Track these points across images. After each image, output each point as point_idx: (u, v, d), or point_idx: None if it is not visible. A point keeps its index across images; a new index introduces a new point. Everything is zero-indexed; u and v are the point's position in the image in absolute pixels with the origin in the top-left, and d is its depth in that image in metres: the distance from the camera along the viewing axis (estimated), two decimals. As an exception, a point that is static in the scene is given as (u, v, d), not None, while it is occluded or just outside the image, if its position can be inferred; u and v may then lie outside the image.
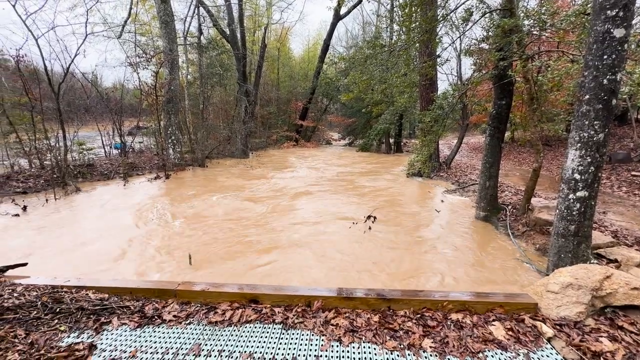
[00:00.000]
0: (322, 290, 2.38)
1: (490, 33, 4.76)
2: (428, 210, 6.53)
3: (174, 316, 2.14)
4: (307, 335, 1.97)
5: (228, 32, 15.00)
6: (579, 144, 3.01)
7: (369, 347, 1.87)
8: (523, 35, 4.38)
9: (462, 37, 5.33)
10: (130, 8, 12.57)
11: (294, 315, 2.13)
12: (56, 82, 9.38)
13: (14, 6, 7.75)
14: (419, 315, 2.17)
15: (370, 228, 5.17)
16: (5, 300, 2.16)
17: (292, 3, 39.64)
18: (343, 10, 20.53)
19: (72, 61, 9.43)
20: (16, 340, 1.86)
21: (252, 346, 1.86)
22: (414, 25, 5.03)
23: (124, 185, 8.54)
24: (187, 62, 16.42)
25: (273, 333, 1.98)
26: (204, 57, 15.75)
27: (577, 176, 3.06)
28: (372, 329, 2.02)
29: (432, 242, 4.81)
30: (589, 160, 2.98)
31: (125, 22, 12.72)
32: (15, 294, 2.24)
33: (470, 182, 8.81)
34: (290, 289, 2.38)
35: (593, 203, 3.09)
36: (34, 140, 9.09)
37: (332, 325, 2.05)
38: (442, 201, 7.11)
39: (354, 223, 5.33)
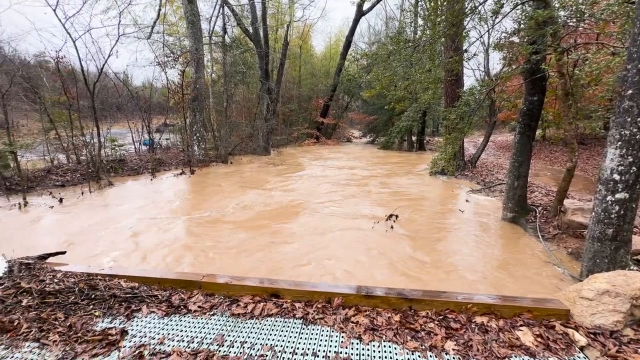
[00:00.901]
0: (342, 287, 2.38)
1: (522, 25, 4.53)
2: (452, 210, 6.35)
3: (199, 307, 2.21)
4: (327, 331, 1.97)
5: (251, 31, 15.22)
6: (620, 142, 2.82)
7: (390, 347, 1.85)
8: (558, 27, 4.14)
9: (490, 30, 5.09)
10: (159, 9, 13.03)
11: (314, 311, 2.15)
12: (91, 81, 9.90)
13: (54, 10, 8.25)
14: (441, 317, 2.12)
15: (392, 227, 5.10)
16: (47, 285, 2.33)
17: (315, 0, 39.59)
18: (366, 6, 20.26)
19: (106, 62, 9.92)
20: (56, 323, 2.00)
21: (273, 339, 1.89)
22: (440, 19, 4.88)
23: (151, 180, 8.90)
24: (212, 61, 16.83)
25: (294, 327, 2.01)
26: (228, 56, 16.08)
27: (616, 177, 2.86)
28: (392, 328, 2.00)
29: (455, 242, 4.69)
30: (631, 159, 2.78)
31: (155, 23, 13.21)
32: (55, 280, 2.41)
33: (496, 182, 8.48)
34: (310, 285, 2.40)
35: (634, 206, 2.89)
36: (71, 137, 9.67)
37: (353, 322, 2.05)
38: (466, 201, 6.89)
39: (375, 222, 5.28)
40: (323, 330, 1.98)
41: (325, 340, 1.90)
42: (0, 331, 1.93)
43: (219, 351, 1.78)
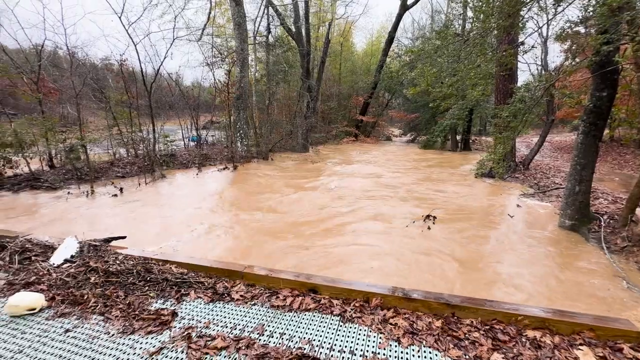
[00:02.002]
0: (381, 287, 2.34)
1: (590, 13, 4.07)
2: (499, 214, 5.94)
3: (241, 296, 2.31)
4: (365, 330, 1.96)
5: (294, 30, 15.48)
6: None
7: (430, 352, 1.79)
8: (637, 13, 3.65)
9: (551, 20, 4.62)
10: (209, 13, 13.76)
11: (351, 310, 2.14)
12: (148, 82, 10.77)
13: (120, 17, 9.08)
14: (487, 327, 2.00)
15: (429, 228, 4.91)
16: (110, 266, 2.58)
17: (357, -4, 39.04)
18: (410, 0, 19.58)
19: (162, 63, 10.72)
20: (118, 300, 2.22)
21: (310, 333, 1.92)
22: (495, 9, 4.54)
23: (196, 174, 9.46)
24: (256, 60, 17.42)
25: (331, 324, 2.02)
26: (271, 55, 16.53)
27: None
28: (433, 334, 1.92)
29: (503, 249, 4.38)
30: None
31: (205, 26, 13.98)
32: (117, 262, 2.66)
33: (553, 186, 7.76)
34: (348, 283, 2.39)
35: None
36: (130, 133, 10.62)
37: (391, 324, 2.01)
38: (517, 206, 6.39)
39: (412, 221, 5.11)
40: (360, 330, 1.96)
41: (363, 340, 1.88)
42: (73, 303, 2.19)
43: (260, 340, 1.85)
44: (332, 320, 2.06)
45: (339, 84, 24.27)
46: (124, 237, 3.24)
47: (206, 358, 1.70)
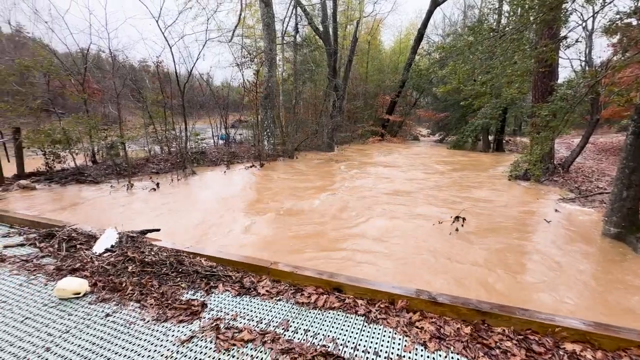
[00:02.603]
0: (406, 290, 2.30)
1: (645, 3, 3.73)
2: (535, 219, 5.62)
3: (267, 291, 2.36)
4: (390, 332, 1.93)
5: (321, 29, 15.51)
6: None
7: (458, 359, 1.73)
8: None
9: (598, 12, 4.26)
10: (240, 14, 14.12)
11: (376, 310, 2.12)
12: (182, 82, 11.24)
13: (157, 21, 9.55)
14: (521, 337, 1.90)
15: (457, 230, 4.74)
16: (146, 256, 2.73)
17: (386, -6, 38.34)
18: (442, -5, 18.98)
19: (194, 65, 11.18)
20: (152, 289, 2.34)
21: (335, 332, 1.92)
22: (533, 2, 4.28)
23: (224, 172, 9.74)
24: (283, 60, 17.65)
25: (355, 324, 2.01)
26: (298, 55, 16.68)
27: None
28: (462, 340, 1.86)
29: (538, 255, 4.14)
30: None
31: (235, 27, 14.37)
32: (152, 253, 2.81)
33: (596, 191, 7.21)
34: (373, 284, 2.37)
35: None
36: (164, 131, 11.15)
37: (417, 328, 1.96)
38: (555, 211, 6.01)
39: (439, 222, 4.95)
40: (385, 331, 1.94)
41: (388, 341, 1.86)
42: (112, 290, 2.34)
43: (285, 335, 1.88)
44: (357, 320, 2.05)
45: (365, 83, 24.03)
46: (158, 230, 3.41)
47: (233, 349, 1.75)
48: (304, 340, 1.84)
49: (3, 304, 2.15)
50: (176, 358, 1.68)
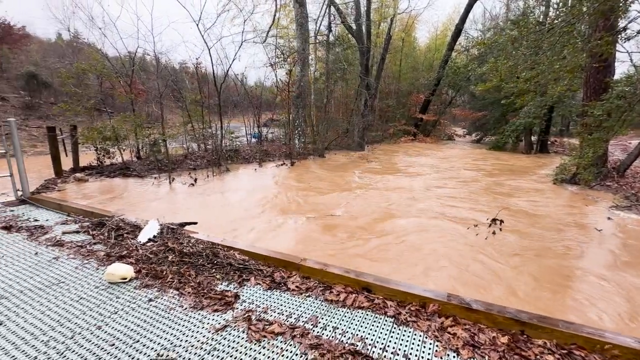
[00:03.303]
0: (438, 293, 2.23)
1: None
2: (584, 227, 5.19)
3: (296, 287, 2.41)
4: (420, 336, 1.89)
5: (354, 28, 15.39)
6: None
7: (494, 370, 1.65)
8: None
9: None
10: (274, 15, 14.39)
11: (406, 313, 2.08)
12: (218, 83, 11.70)
13: (197, 25, 10.02)
14: (564, 351, 1.77)
15: (494, 233, 4.49)
16: (184, 247, 2.89)
17: (422, -12, 37.22)
18: (483, -12, 18.02)
19: (230, 65, 11.56)
20: (190, 278, 2.48)
21: (363, 331, 1.92)
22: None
23: (255, 169, 10.01)
24: (315, 59, 17.75)
25: (384, 325, 1.99)
26: (330, 54, 16.69)
27: None
28: (498, 350, 1.77)
29: (586, 267, 3.83)
30: None
31: (270, 28, 14.68)
32: (190, 244, 2.97)
33: (657, 198, 6.50)
34: (403, 286, 2.33)
35: None
36: (201, 129, 11.68)
37: (449, 333, 1.90)
38: (608, 218, 5.51)
39: (474, 225, 4.73)
40: (416, 334, 1.90)
41: (418, 345, 1.82)
42: (154, 277, 2.51)
43: (313, 331, 1.90)
44: (386, 321, 2.03)
45: (398, 81, 23.51)
46: (195, 223, 3.59)
47: (264, 340, 1.81)
48: (332, 337, 1.86)
49: (62, 284, 2.38)
50: (211, 345, 1.77)
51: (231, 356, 1.69)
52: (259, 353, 1.71)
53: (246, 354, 1.71)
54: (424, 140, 20.88)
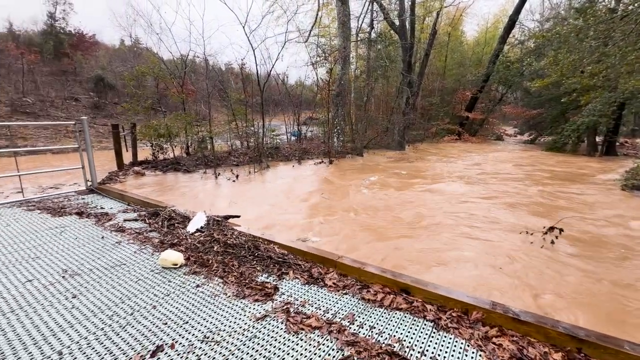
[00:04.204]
0: (482, 301, 2.11)
1: None
2: (658, 240, 4.57)
3: (334, 283, 2.43)
4: (462, 344, 1.81)
5: (397, 23, 15.01)
6: None
7: (544, 387, 1.54)
8: None
9: None
10: (317, 14, 14.53)
11: (447, 318, 2.00)
12: (261, 82, 12.11)
13: (243, 27, 10.47)
14: (631, 376, 1.59)
15: (552, 242, 4.14)
16: (228, 239, 3.06)
17: (472, -21, 35.03)
18: (542, -25, 16.54)
19: (273, 65, 11.93)
20: (233, 268, 2.61)
21: (401, 333, 1.88)
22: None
23: (293, 166, 10.21)
24: (356, 57, 17.61)
25: (423, 328, 1.94)
26: (372, 51, 16.46)
27: None
28: (550, 367, 1.64)
29: (662, 285, 3.37)
30: None
31: (312, 27, 14.85)
32: (233, 236, 3.14)
33: None
34: (444, 290, 2.24)
35: None
36: (244, 127, 12.19)
37: (494, 344, 1.80)
38: (689, 231, 4.80)
39: (527, 233, 4.40)
40: (457, 341, 1.83)
41: (459, 353, 1.75)
42: (201, 265, 2.69)
43: (350, 328, 1.92)
44: (425, 324, 1.97)
45: (442, 78, 22.50)
46: (238, 216, 3.78)
47: (302, 333, 1.86)
48: (369, 336, 1.85)
49: (123, 266, 2.65)
50: (252, 332, 1.86)
51: (270, 345, 1.76)
52: (297, 344, 1.76)
53: (284, 344, 1.77)
54: (470, 140, 19.79)
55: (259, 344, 1.77)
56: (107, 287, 2.33)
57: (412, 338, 1.85)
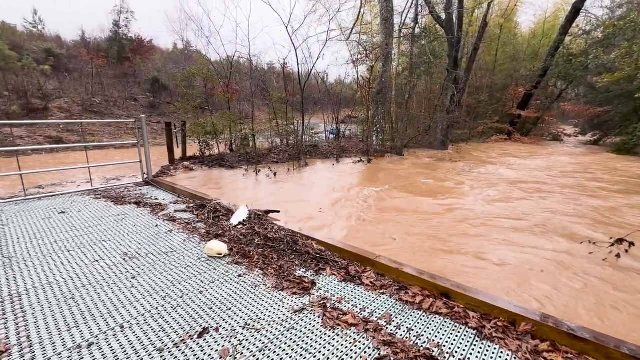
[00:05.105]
0: (531, 311, 1.97)
1: None
2: None
3: (371, 282, 2.42)
4: (508, 356, 1.71)
5: (444, 17, 14.33)
6: None
7: (604, 412, 1.40)
8: None
9: None
10: (359, 11, 14.39)
11: (492, 327, 1.90)
12: (302, 81, 12.31)
13: (286, 27, 10.71)
14: None
15: (618, 255, 3.71)
16: (269, 233, 3.18)
17: (529, -34, 32.21)
18: (615, -45, 14.78)
19: (314, 65, 12.06)
20: (272, 261, 2.71)
21: (441, 338, 1.82)
22: None
23: (333, 165, 10.24)
24: (399, 54, 17.15)
25: (465, 335, 1.86)
26: (415, 47, 15.91)
27: None
28: (611, 390, 1.49)
29: None
30: None
31: (354, 24, 14.74)
32: (273, 230, 3.25)
33: None
34: (489, 297, 2.13)
35: None
36: (285, 126, 12.49)
37: (544, 359, 1.67)
38: None
39: (590, 242, 3.99)
40: (502, 353, 1.73)
41: (504, 365, 1.65)
42: (243, 256, 2.82)
43: (387, 328, 1.90)
44: (467, 332, 1.89)
45: (492, 74, 21.07)
46: (278, 212, 3.90)
47: (338, 328, 1.88)
48: (406, 338, 1.82)
49: (174, 253, 2.87)
50: (290, 324, 1.92)
51: (307, 337, 1.80)
52: (333, 339, 1.79)
53: (321, 337, 1.80)
54: (521, 140, 18.35)
55: (296, 335, 1.82)
56: (161, 270, 2.55)
57: (452, 344, 1.78)
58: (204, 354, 1.66)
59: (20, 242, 3.04)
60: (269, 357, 1.65)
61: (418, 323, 1.96)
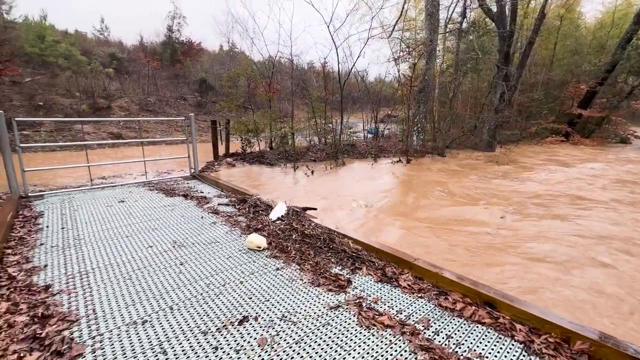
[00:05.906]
0: (587, 329, 1.79)
1: None
2: None
3: (408, 285, 2.36)
4: (560, 375, 1.58)
5: (495, 10, 13.44)
6: None
7: None
8: None
9: None
10: (402, 7, 14.01)
11: (542, 343, 1.76)
12: (342, 80, 12.29)
13: (328, 26, 10.76)
14: None
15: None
16: (305, 229, 3.23)
17: (598, -52, 29.05)
18: None
19: (354, 64, 11.97)
20: (309, 257, 2.76)
21: (483, 349, 1.73)
22: None
23: (371, 165, 10.11)
24: (444, 50, 16.41)
25: (510, 349, 1.74)
26: (462, 42, 15.12)
27: None
28: None
29: None
30: None
31: (397, 21, 14.38)
32: (310, 227, 3.30)
33: None
34: (537, 309, 1.97)
35: None
36: (323, 124, 12.57)
37: (604, 383, 1.52)
38: None
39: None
40: (553, 371, 1.60)
41: (555, 384, 1.52)
42: (281, 250, 2.90)
43: (424, 333, 1.84)
44: (512, 345, 1.77)
45: (549, 69, 19.34)
46: (315, 209, 3.95)
47: (374, 329, 1.86)
48: (445, 345, 1.76)
49: (217, 243, 3.04)
50: (325, 319, 1.94)
51: (342, 334, 1.81)
52: (368, 339, 1.78)
53: (356, 336, 1.80)
54: (581, 142, 16.65)
55: (331, 331, 1.84)
56: (205, 259, 2.71)
57: (495, 356, 1.69)
58: (244, 341, 1.74)
59: (88, 226, 3.41)
60: (304, 349, 1.69)
61: (458, 331, 1.88)
